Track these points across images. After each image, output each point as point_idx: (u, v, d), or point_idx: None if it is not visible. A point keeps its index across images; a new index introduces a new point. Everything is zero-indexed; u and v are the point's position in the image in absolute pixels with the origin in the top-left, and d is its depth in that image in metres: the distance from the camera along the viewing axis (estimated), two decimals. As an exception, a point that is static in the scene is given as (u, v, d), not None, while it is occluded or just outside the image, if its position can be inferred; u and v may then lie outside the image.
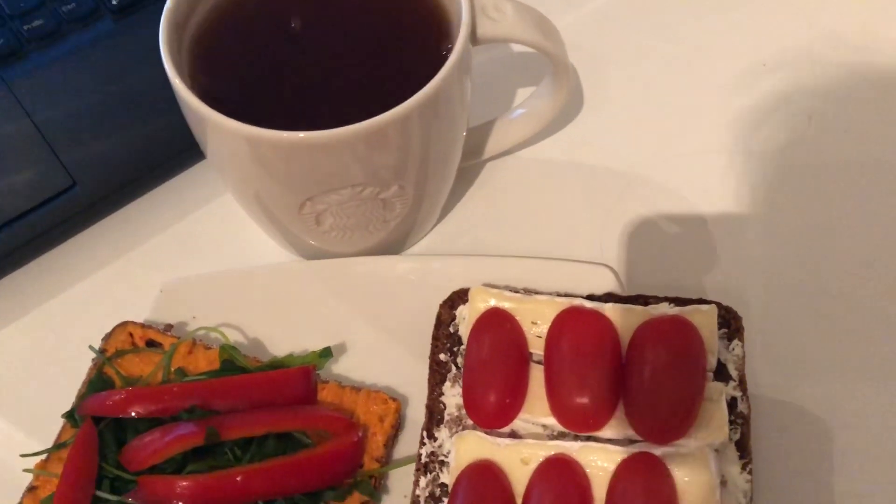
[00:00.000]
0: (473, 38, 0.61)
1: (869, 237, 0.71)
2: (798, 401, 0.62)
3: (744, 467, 0.55)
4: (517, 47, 0.82)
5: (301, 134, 0.55)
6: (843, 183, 0.74)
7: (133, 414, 0.58)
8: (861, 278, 0.69)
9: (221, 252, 0.73)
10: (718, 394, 0.57)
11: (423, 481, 0.58)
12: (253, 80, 0.62)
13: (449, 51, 0.59)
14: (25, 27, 0.78)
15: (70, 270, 0.72)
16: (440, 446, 0.60)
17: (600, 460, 0.55)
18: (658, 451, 0.55)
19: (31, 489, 0.58)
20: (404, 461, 0.61)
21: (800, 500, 0.59)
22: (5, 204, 0.71)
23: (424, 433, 0.60)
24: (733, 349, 0.59)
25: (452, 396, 0.61)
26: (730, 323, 0.60)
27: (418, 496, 0.58)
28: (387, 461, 0.61)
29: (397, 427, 0.62)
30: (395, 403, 0.62)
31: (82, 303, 0.70)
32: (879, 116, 0.78)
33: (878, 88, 0.79)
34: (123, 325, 0.64)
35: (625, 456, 0.55)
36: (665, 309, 0.60)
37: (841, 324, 0.67)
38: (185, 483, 0.54)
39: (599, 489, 0.54)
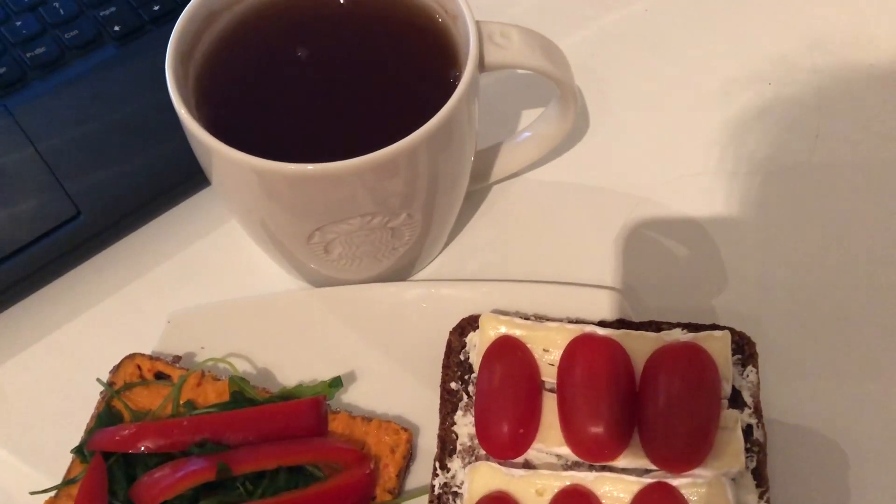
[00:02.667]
0: (481, 65, 0.61)
1: (885, 259, 0.70)
2: (813, 426, 0.62)
3: (761, 496, 0.55)
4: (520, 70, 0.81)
5: (310, 166, 0.54)
6: (856, 203, 0.74)
7: (143, 449, 0.57)
8: (876, 301, 0.68)
9: (227, 280, 0.72)
10: (734, 422, 0.56)
11: (436, 514, 0.58)
12: (260, 110, 0.61)
13: (457, 78, 0.59)
14: (27, 55, 0.78)
15: (75, 301, 0.71)
16: (453, 477, 0.59)
17: (616, 491, 0.55)
18: (674, 481, 0.54)
19: (41, 527, 0.58)
20: (417, 492, 0.60)
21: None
22: (10, 235, 0.70)
23: (437, 464, 0.59)
24: (748, 375, 0.59)
25: (465, 426, 0.61)
26: (743, 349, 0.60)
27: (432, 528, 0.57)
28: (399, 493, 0.60)
29: (409, 457, 0.62)
30: (407, 433, 0.61)
31: (88, 334, 0.70)
32: (891, 132, 0.78)
33: (890, 102, 0.79)
34: (132, 357, 0.64)
35: (640, 486, 0.54)
36: (678, 335, 0.60)
37: (855, 347, 0.66)
38: (196, 520, 0.54)
39: (616, 520, 0.54)
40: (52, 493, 0.58)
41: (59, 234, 0.71)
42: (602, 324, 0.62)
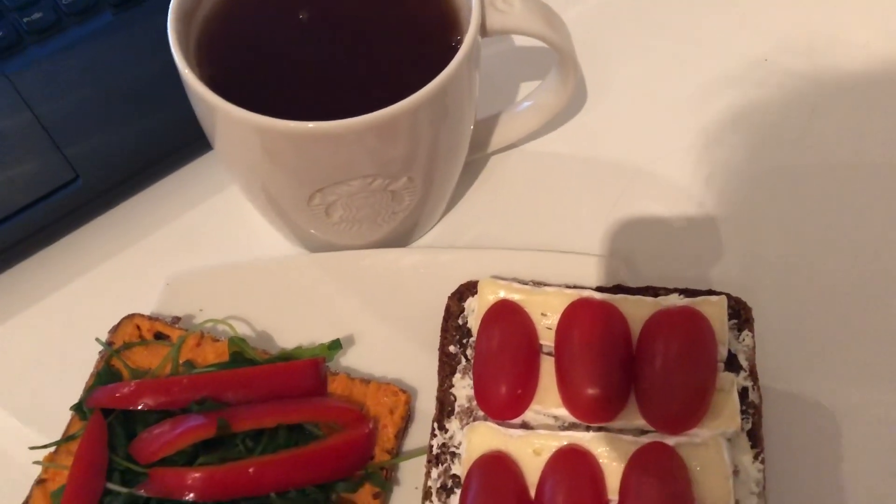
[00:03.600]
0: (483, 30, 0.61)
1: (876, 230, 0.71)
2: (807, 392, 0.63)
3: (756, 456, 0.55)
4: (520, 41, 0.82)
5: (310, 124, 0.54)
6: (849, 176, 0.74)
7: (143, 406, 0.57)
8: (870, 271, 0.69)
9: (226, 245, 0.72)
10: (730, 384, 0.57)
11: (434, 472, 0.58)
12: (261, 70, 0.61)
13: (458, 42, 0.59)
14: (25, 20, 0.78)
15: (74, 264, 0.71)
16: (451, 438, 0.60)
17: (613, 450, 0.55)
18: (671, 440, 0.55)
19: (41, 482, 0.57)
20: (415, 453, 0.61)
21: (810, 491, 0.59)
22: (7, 197, 0.70)
23: (435, 425, 0.60)
24: (743, 340, 0.59)
25: (463, 388, 0.61)
26: (739, 314, 0.60)
27: (430, 487, 0.58)
28: (397, 453, 0.61)
29: (407, 419, 0.62)
30: (405, 395, 0.62)
31: (87, 296, 0.70)
32: (883, 110, 0.78)
33: (881, 83, 0.80)
34: (130, 317, 0.64)
35: (637, 446, 0.55)
36: (675, 300, 0.60)
37: (849, 316, 0.67)
38: (196, 475, 0.54)
39: (613, 479, 0.55)
40: (52, 449, 0.58)
41: (58, 198, 0.71)
42: (600, 289, 0.63)
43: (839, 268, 0.69)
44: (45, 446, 0.58)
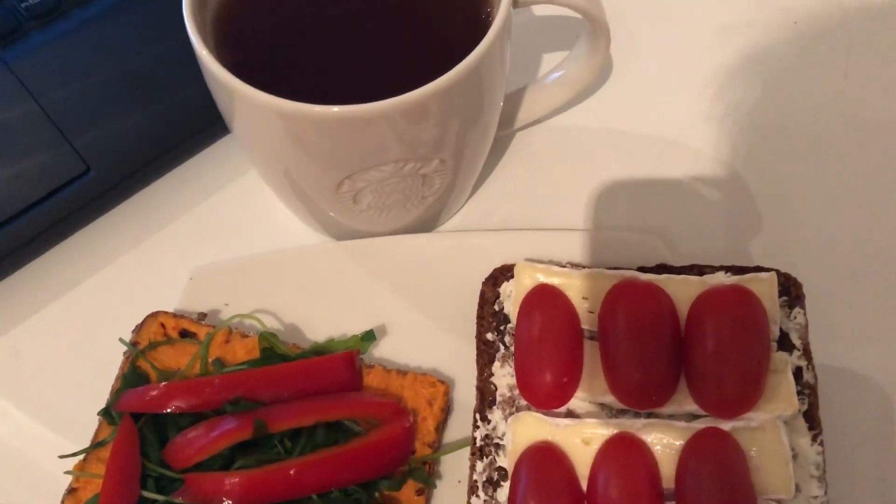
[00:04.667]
0: (514, 1, 0.58)
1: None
2: (861, 370, 0.61)
3: (814, 438, 0.54)
4: (539, 10, 0.78)
5: (336, 108, 0.51)
6: (889, 139, 0.72)
7: (174, 409, 0.55)
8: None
9: (247, 234, 0.70)
10: (784, 364, 0.55)
11: (479, 466, 0.56)
12: (283, 52, 0.58)
13: (489, 15, 0.56)
14: (23, 4, 0.74)
15: (90, 260, 0.68)
16: (494, 429, 0.57)
17: (666, 438, 0.53)
18: (726, 425, 0.53)
19: (72, 491, 0.55)
20: (457, 445, 0.59)
21: (870, 473, 0.57)
22: (16, 192, 0.67)
23: (477, 416, 0.58)
24: (795, 317, 0.57)
25: (503, 377, 0.59)
26: (790, 290, 0.58)
27: (476, 481, 0.56)
28: (438, 446, 0.59)
29: (447, 411, 0.60)
30: (444, 386, 0.60)
31: (106, 293, 0.67)
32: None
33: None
34: (154, 315, 0.61)
35: (691, 432, 0.53)
36: (722, 278, 0.58)
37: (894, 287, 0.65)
38: (235, 479, 0.52)
39: (667, 467, 0.53)
40: (81, 457, 0.56)
41: (70, 191, 0.68)
42: (642, 269, 0.60)
43: (887, 236, 0.67)
44: (74, 454, 0.56)
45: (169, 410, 0.55)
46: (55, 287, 0.67)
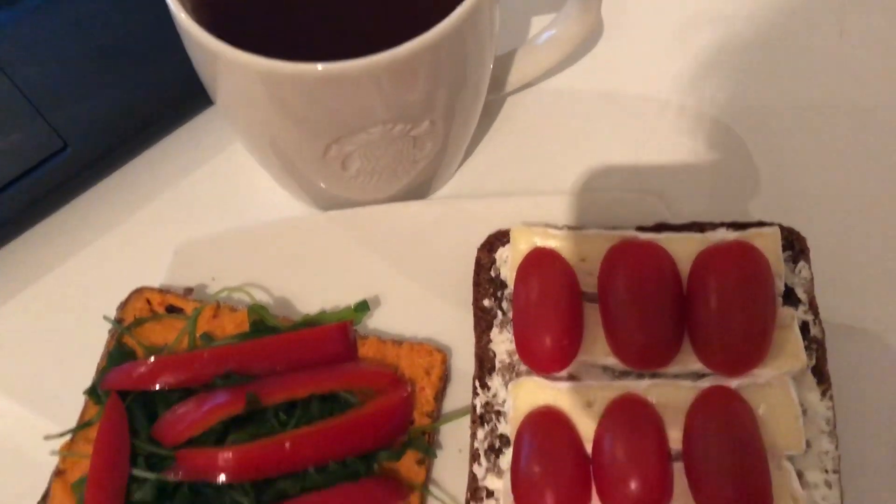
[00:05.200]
0: (502, -44, 0.56)
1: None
2: (868, 326, 0.59)
3: (823, 393, 0.52)
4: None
5: (320, 66, 0.49)
6: (887, 92, 0.70)
7: (162, 385, 0.53)
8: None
9: (233, 208, 0.67)
10: (790, 319, 0.53)
11: (480, 433, 0.55)
12: (262, 12, 0.56)
13: (477, -30, 0.54)
14: (-9, -21, 0.71)
15: (71, 238, 0.66)
16: (494, 396, 0.56)
17: (671, 397, 0.52)
18: (732, 383, 0.52)
19: (59, 473, 0.53)
20: (457, 414, 0.57)
21: (880, 428, 0.56)
22: (-10, 171, 0.65)
23: (476, 383, 0.56)
24: (800, 272, 0.56)
25: (502, 343, 0.57)
26: (793, 245, 0.57)
27: (477, 449, 0.54)
28: (438, 416, 0.57)
29: (445, 379, 0.58)
30: (441, 355, 0.58)
31: (89, 272, 0.65)
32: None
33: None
34: (139, 291, 0.59)
35: (697, 391, 0.52)
36: (724, 234, 0.56)
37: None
38: (228, 454, 0.50)
39: (674, 428, 0.51)
40: (68, 438, 0.54)
41: (47, 169, 0.66)
42: (641, 229, 0.59)
43: (887, 192, 0.66)
44: (60, 435, 0.54)
45: (157, 387, 0.53)
46: (34, 269, 0.65)
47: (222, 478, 0.49)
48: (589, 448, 0.52)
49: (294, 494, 0.51)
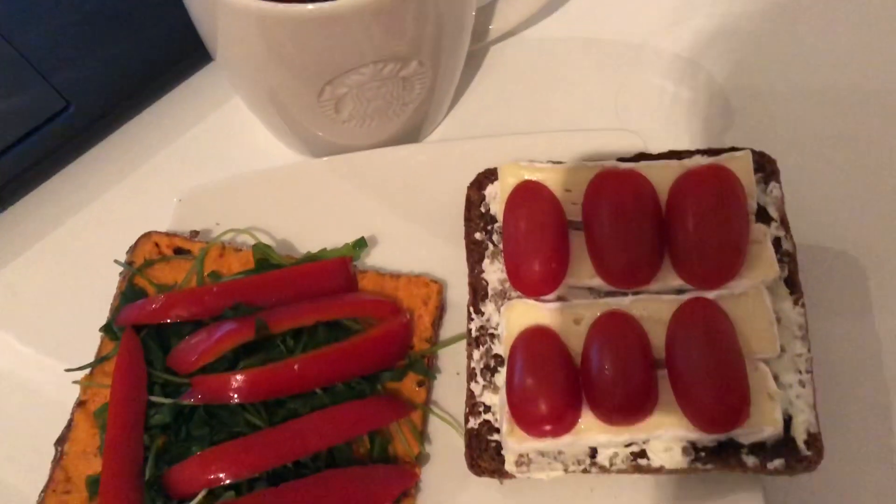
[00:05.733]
0: None
1: (881, 73, 0.71)
2: (835, 246, 0.63)
3: (796, 301, 0.56)
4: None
5: (310, 6, 0.52)
6: (859, 27, 0.73)
7: (175, 318, 0.56)
8: (887, 122, 0.69)
9: (231, 161, 0.71)
10: (763, 235, 0.57)
11: (476, 354, 0.58)
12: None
13: (457, -86, 0.57)
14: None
15: (78, 193, 0.69)
16: (488, 320, 0.59)
17: (654, 310, 0.55)
18: (710, 294, 0.55)
19: (81, 404, 0.56)
20: (453, 339, 0.61)
21: (849, 333, 0.60)
22: (-1, 131, 0.68)
23: (471, 309, 0.59)
24: (771, 191, 0.59)
25: (493, 272, 0.61)
26: (764, 167, 0.60)
27: (474, 368, 0.58)
28: (436, 341, 0.61)
29: (441, 308, 0.62)
30: (437, 285, 0.61)
31: (97, 224, 0.68)
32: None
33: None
34: (147, 235, 0.62)
35: (678, 303, 0.55)
36: (699, 160, 0.60)
37: (865, 169, 0.67)
38: (240, 377, 0.53)
39: (657, 337, 0.54)
40: (87, 372, 0.57)
41: (51, 127, 0.69)
42: (621, 160, 0.62)
43: (855, 122, 0.69)
44: (80, 368, 0.57)
45: (170, 320, 0.56)
46: (45, 223, 0.68)
47: (236, 398, 0.53)
48: (578, 361, 0.55)
49: (304, 413, 0.54)
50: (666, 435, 0.53)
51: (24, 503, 0.55)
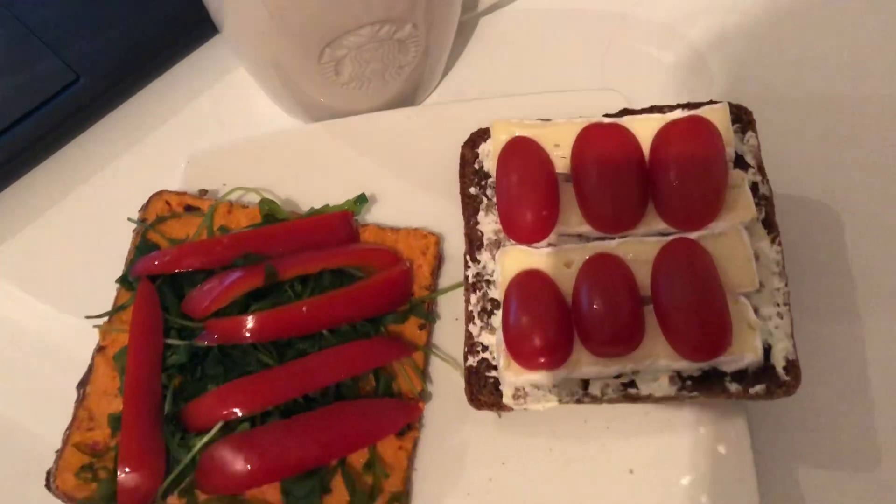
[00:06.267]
0: None
1: (854, 36, 0.75)
2: (812, 195, 0.67)
3: (773, 240, 0.59)
4: None
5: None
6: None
7: (187, 267, 0.59)
8: (866, 80, 0.72)
9: (235, 129, 0.74)
10: (741, 180, 0.60)
11: (473, 298, 0.61)
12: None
13: None
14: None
15: (89, 160, 0.72)
16: (484, 267, 0.62)
17: (639, 251, 0.59)
18: (693, 235, 0.59)
19: (100, 349, 0.60)
20: (452, 287, 0.64)
21: (822, 271, 0.64)
22: (11, 104, 0.71)
23: (468, 257, 0.63)
24: (748, 141, 0.63)
25: (488, 224, 0.64)
26: (741, 118, 0.64)
27: (471, 311, 0.61)
28: (435, 289, 0.64)
29: (439, 259, 0.65)
30: (434, 237, 0.65)
31: (109, 187, 0.71)
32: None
33: None
34: (159, 194, 0.65)
35: (662, 244, 0.58)
36: (680, 113, 0.63)
37: (843, 123, 0.71)
38: (252, 318, 0.56)
39: (643, 276, 0.58)
40: (105, 319, 0.60)
41: (62, 99, 0.72)
42: (607, 116, 0.65)
43: (835, 79, 0.73)
44: (98, 316, 0.60)
45: (183, 270, 0.59)
46: (58, 188, 0.71)
47: (248, 337, 0.56)
48: (569, 303, 0.59)
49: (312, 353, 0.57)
50: (653, 365, 0.56)
51: (49, 446, 0.58)
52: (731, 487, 0.57)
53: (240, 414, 0.54)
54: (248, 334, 0.56)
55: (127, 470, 0.53)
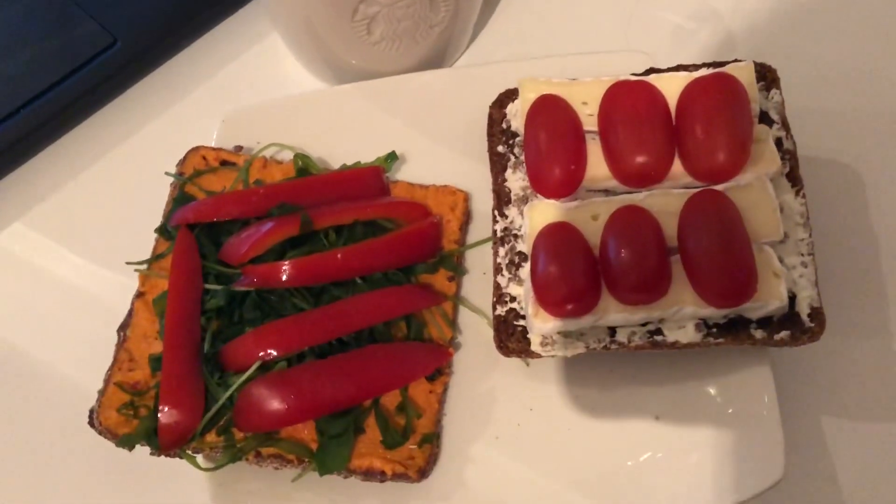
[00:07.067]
0: None
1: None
2: (835, 157, 0.68)
3: (797, 193, 0.60)
4: None
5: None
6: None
7: (225, 216, 0.61)
8: (877, 43, 0.73)
9: (267, 93, 0.75)
10: (766, 134, 0.61)
11: (501, 251, 0.63)
12: None
13: None
14: None
15: (128, 121, 0.75)
16: (511, 222, 0.64)
17: (666, 203, 0.60)
18: (719, 187, 0.60)
19: (140, 295, 0.61)
20: (480, 242, 0.65)
21: (847, 223, 0.65)
22: (52, 66, 0.73)
23: (496, 213, 0.64)
24: (773, 98, 0.64)
25: (516, 181, 0.65)
26: (765, 76, 0.65)
27: (500, 264, 0.62)
28: (463, 243, 0.65)
29: (468, 214, 0.66)
30: (463, 193, 0.66)
31: (145, 146, 0.74)
32: None
33: None
34: (196, 149, 0.67)
35: (688, 195, 0.59)
36: (705, 71, 0.64)
37: (862, 76, 0.72)
38: (288, 264, 0.58)
39: (669, 227, 0.59)
40: (145, 267, 0.62)
41: (100, 61, 0.74)
42: (634, 75, 0.66)
43: (856, 43, 0.74)
44: (138, 262, 0.62)
45: (221, 219, 0.61)
46: (96, 149, 0.74)
47: (285, 281, 0.57)
48: (596, 253, 0.60)
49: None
50: (679, 313, 0.58)
51: (92, 388, 0.59)
52: (756, 434, 0.58)
53: (276, 355, 0.55)
54: (284, 279, 0.57)
55: (167, 408, 0.55)
